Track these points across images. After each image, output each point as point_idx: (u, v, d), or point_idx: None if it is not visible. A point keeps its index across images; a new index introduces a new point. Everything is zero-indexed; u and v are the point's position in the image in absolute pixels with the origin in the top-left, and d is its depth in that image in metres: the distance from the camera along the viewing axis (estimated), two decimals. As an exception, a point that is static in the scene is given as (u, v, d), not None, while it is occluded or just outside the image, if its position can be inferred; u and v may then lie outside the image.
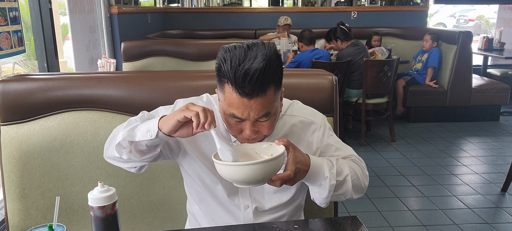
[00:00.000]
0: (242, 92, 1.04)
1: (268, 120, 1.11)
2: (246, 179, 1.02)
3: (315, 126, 1.29)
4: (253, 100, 1.06)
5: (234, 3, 9.02)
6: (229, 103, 1.08)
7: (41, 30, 2.83)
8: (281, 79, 1.13)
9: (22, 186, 1.47)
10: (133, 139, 1.10)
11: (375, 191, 3.29)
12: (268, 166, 1.01)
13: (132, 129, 1.11)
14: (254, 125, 1.10)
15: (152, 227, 1.56)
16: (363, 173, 1.25)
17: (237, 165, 1.02)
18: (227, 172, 1.04)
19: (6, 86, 1.45)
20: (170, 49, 3.54)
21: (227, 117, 1.12)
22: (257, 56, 1.03)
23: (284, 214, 1.33)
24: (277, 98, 1.12)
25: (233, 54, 1.05)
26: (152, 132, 1.08)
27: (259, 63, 1.02)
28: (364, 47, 4.45)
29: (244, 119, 1.09)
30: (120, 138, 1.11)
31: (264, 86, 1.05)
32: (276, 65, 1.07)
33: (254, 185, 1.06)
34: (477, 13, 14.00)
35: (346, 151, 1.29)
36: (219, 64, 1.08)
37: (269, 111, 1.09)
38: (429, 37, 5.06)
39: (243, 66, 1.02)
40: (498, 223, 2.82)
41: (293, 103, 1.33)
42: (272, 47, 1.08)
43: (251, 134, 1.11)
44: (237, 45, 1.08)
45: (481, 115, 5.18)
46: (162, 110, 1.26)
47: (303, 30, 4.34)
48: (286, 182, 1.08)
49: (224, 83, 1.08)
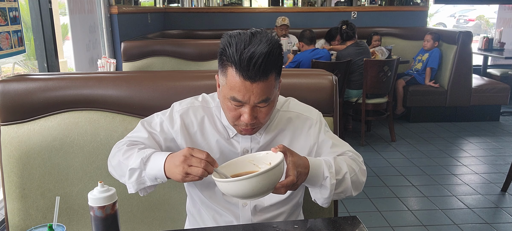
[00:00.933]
0: (246, 75, 1.07)
1: (266, 106, 1.14)
2: (251, 192, 1.00)
3: (311, 121, 1.30)
4: (255, 84, 1.08)
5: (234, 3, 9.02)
6: (231, 86, 1.10)
7: (41, 30, 2.83)
8: (281, 68, 1.16)
9: (22, 186, 1.47)
10: (144, 185, 1.17)
11: (375, 191, 3.29)
12: (270, 175, 1.00)
13: (138, 176, 1.15)
14: (253, 110, 1.13)
15: (152, 227, 1.56)
16: (361, 169, 1.26)
17: (240, 180, 0.99)
18: (230, 189, 1.02)
19: (6, 86, 1.45)
20: (170, 49, 3.55)
21: (227, 101, 1.14)
22: (262, 41, 1.07)
23: (283, 212, 1.33)
24: (276, 86, 1.15)
25: (239, 39, 1.08)
26: (161, 180, 1.14)
27: (264, 48, 1.05)
28: (366, 48, 4.43)
29: (244, 102, 1.11)
30: (133, 191, 1.17)
31: (267, 71, 1.08)
32: (278, 53, 1.11)
33: (260, 196, 1.04)
34: (477, 13, 14.01)
35: (343, 147, 1.29)
36: (223, 48, 1.11)
37: (268, 97, 1.12)
38: (430, 37, 5.06)
39: (248, 50, 1.05)
40: (498, 223, 2.82)
41: (288, 99, 1.34)
42: (275, 36, 1.11)
43: (249, 119, 1.13)
44: (241, 31, 1.11)
45: (481, 115, 5.18)
46: (159, 117, 1.29)
47: (304, 30, 4.34)
48: (290, 187, 1.08)
49: (227, 67, 1.11)
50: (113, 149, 1.26)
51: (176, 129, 1.26)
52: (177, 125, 1.26)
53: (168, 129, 1.27)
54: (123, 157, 1.18)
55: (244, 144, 1.26)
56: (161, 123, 1.27)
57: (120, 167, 1.19)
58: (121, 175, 1.20)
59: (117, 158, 1.21)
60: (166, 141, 1.26)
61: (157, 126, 1.27)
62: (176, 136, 1.26)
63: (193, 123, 1.27)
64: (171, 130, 1.26)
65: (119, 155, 1.20)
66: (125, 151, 1.20)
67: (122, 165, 1.18)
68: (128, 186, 1.18)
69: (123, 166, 1.18)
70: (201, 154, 1.06)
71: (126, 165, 1.16)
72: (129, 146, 1.21)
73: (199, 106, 1.29)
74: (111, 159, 1.25)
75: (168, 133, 1.27)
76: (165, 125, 1.27)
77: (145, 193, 1.22)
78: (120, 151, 1.21)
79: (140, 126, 1.28)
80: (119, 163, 1.19)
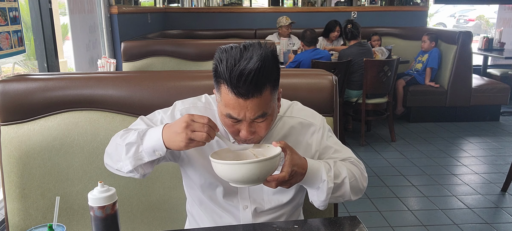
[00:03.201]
0: (238, 93, 1.05)
1: (264, 120, 1.11)
2: (241, 178, 1.03)
3: (314, 127, 1.29)
4: (249, 101, 1.06)
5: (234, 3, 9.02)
6: (226, 104, 1.09)
7: (41, 30, 2.83)
8: (278, 80, 1.13)
9: (22, 186, 1.47)
10: (141, 161, 1.12)
11: (375, 191, 3.29)
12: (262, 165, 1.02)
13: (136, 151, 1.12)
14: (250, 126, 1.11)
15: (152, 227, 1.56)
16: (362, 175, 1.25)
17: (233, 164, 1.03)
18: (223, 171, 1.06)
19: (6, 86, 1.45)
20: (170, 49, 3.55)
21: (224, 117, 1.12)
22: (252, 57, 1.03)
23: (283, 214, 1.33)
24: (273, 99, 1.12)
25: (229, 55, 1.05)
26: (160, 151, 1.10)
27: (254, 64, 1.02)
28: (368, 49, 4.39)
29: (240, 119, 1.09)
30: (130, 167, 1.12)
31: (259, 86, 1.05)
32: (272, 66, 1.07)
33: (250, 184, 1.07)
34: (477, 13, 14.01)
35: (345, 153, 1.29)
36: (215, 65, 1.09)
37: (265, 112, 1.10)
38: (427, 37, 5.06)
39: (238, 67, 1.02)
40: (498, 223, 2.82)
41: (292, 104, 1.33)
42: (268, 48, 1.08)
43: (247, 135, 1.11)
44: (233, 45, 1.08)
45: (481, 115, 5.18)
46: (160, 115, 1.27)
47: (305, 30, 4.33)
48: (282, 184, 1.09)
49: (220, 84, 1.09)
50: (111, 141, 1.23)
51: None
52: None
53: None
54: (121, 139, 1.16)
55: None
56: (162, 120, 1.26)
57: (117, 150, 1.15)
58: (117, 160, 1.16)
59: (114, 142, 1.18)
60: None
61: (158, 122, 1.26)
62: None
63: None
64: None
65: (117, 138, 1.18)
66: (122, 134, 1.17)
67: (119, 147, 1.14)
68: (124, 163, 1.13)
69: (120, 147, 1.14)
70: (202, 119, 1.05)
71: (122, 146, 1.13)
72: (127, 131, 1.20)
73: (202, 108, 1.28)
74: (107, 149, 1.22)
75: None
76: (166, 122, 1.26)
77: (142, 174, 1.17)
78: (117, 136, 1.19)
79: (140, 120, 1.26)
80: (116, 146, 1.16)
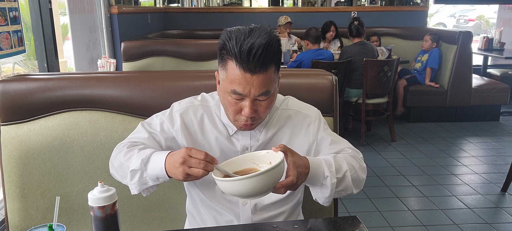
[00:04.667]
0: (246, 67, 1.09)
1: (266, 99, 1.16)
2: (251, 191, 1.00)
3: (310, 119, 1.31)
4: (255, 77, 1.10)
5: (234, 3, 9.01)
6: (232, 80, 1.12)
7: (41, 30, 2.83)
8: (280, 63, 1.18)
9: (22, 186, 1.46)
10: (146, 186, 1.18)
11: (375, 191, 3.29)
12: (270, 175, 1.00)
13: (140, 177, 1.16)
14: (253, 104, 1.14)
15: (152, 227, 1.56)
16: (361, 166, 1.27)
17: (240, 179, 1.00)
18: (230, 188, 1.02)
19: (6, 86, 1.45)
20: (170, 49, 3.55)
21: (228, 95, 1.15)
22: (260, 34, 1.09)
23: (283, 211, 1.33)
24: (276, 79, 1.17)
25: (238, 33, 1.11)
26: (163, 178, 1.14)
27: (264, 40, 1.08)
28: (371, 50, 4.36)
29: (245, 95, 1.12)
30: (135, 192, 1.18)
31: (266, 62, 1.10)
32: (277, 47, 1.13)
33: (259, 196, 1.04)
34: (477, 13, 14.00)
35: (342, 144, 1.30)
36: (223, 43, 1.13)
37: (268, 90, 1.14)
38: (429, 37, 5.06)
39: (248, 41, 1.08)
40: (498, 223, 2.82)
41: (287, 98, 1.36)
42: (273, 32, 1.13)
43: (250, 112, 1.14)
44: (240, 27, 1.13)
45: (481, 115, 5.18)
46: (159, 118, 1.29)
47: (310, 28, 4.33)
48: (290, 187, 1.08)
49: (227, 60, 1.12)
50: (114, 150, 1.26)
51: (176, 128, 1.27)
52: (177, 124, 1.27)
53: (168, 129, 1.27)
54: (124, 159, 1.19)
55: (244, 142, 1.27)
56: (161, 123, 1.28)
57: (122, 169, 1.20)
58: (123, 177, 1.21)
59: (118, 160, 1.21)
60: (166, 140, 1.27)
61: (157, 126, 1.27)
62: (176, 135, 1.27)
63: (193, 122, 1.28)
64: (171, 129, 1.27)
65: (121, 156, 1.21)
66: (126, 152, 1.20)
67: (123, 166, 1.19)
68: (130, 187, 1.18)
69: (125, 167, 1.18)
70: (199, 154, 1.05)
71: (127, 166, 1.17)
72: (130, 148, 1.22)
73: (198, 105, 1.30)
74: (112, 161, 1.25)
75: (168, 133, 1.27)
76: (166, 125, 1.27)
77: (148, 193, 1.22)
78: (121, 153, 1.21)
79: (140, 127, 1.29)
80: (121, 164, 1.20)
